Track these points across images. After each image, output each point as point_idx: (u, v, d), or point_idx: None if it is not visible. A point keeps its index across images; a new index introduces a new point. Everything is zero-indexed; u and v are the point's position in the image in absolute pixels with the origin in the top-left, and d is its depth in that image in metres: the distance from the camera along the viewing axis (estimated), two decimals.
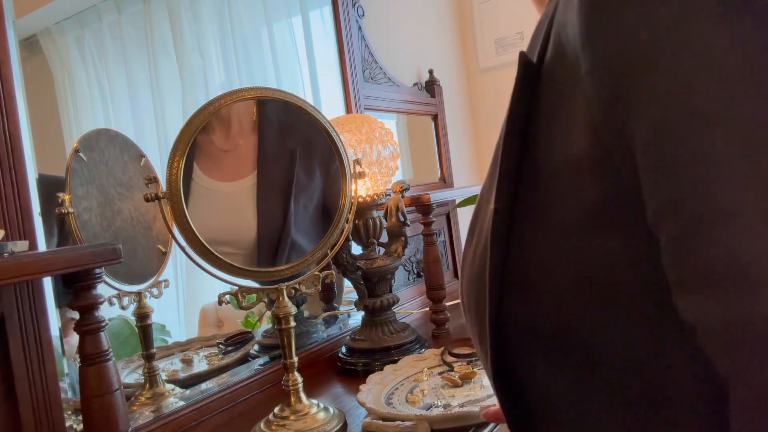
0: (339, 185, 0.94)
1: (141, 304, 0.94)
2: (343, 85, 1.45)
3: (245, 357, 1.11)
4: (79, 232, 0.84)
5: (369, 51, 1.58)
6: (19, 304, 0.72)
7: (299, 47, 1.37)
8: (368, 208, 1.18)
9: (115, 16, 0.99)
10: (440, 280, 1.35)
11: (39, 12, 0.87)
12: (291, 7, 1.38)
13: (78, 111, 0.90)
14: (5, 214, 0.72)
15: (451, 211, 1.85)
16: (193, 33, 1.12)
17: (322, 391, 1.08)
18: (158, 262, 0.98)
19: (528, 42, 0.55)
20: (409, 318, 1.52)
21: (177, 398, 0.95)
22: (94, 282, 0.68)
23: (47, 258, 0.63)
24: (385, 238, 1.24)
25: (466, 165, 2.12)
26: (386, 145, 1.17)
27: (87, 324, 0.68)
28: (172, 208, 0.78)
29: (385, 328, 1.18)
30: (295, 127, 0.94)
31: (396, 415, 0.85)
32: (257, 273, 0.87)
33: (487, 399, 0.88)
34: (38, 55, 0.86)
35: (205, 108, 0.82)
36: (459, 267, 0.54)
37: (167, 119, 1.04)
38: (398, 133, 1.73)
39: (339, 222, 0.94)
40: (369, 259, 1.19)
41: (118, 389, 0.69)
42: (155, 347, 0.95)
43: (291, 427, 0.85)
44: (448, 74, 2.04)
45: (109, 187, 0.91)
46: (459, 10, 2.20)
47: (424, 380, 1.00)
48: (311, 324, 1.29)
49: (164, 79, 1.05)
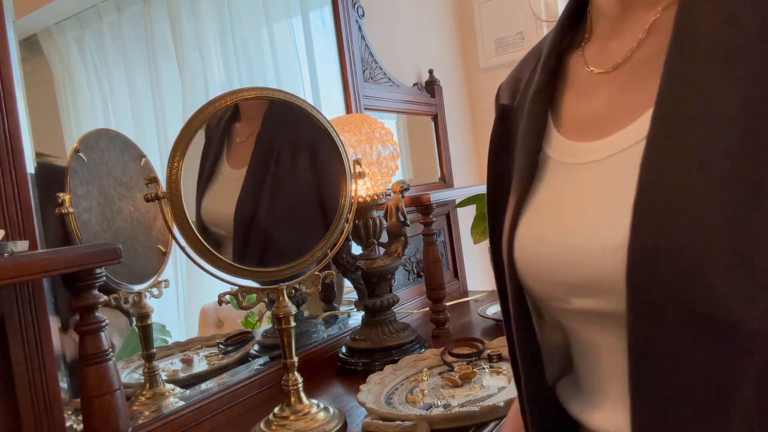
0: (332, 186, 0.94)
1: (141, 304, 0.94)
2: (343, 85, 1.45)
3: (245, 357, 1.11)
4: (79, 232, 0.84)
5: (369, 51, 1.57)
6: (19, 304, 0.72)
7: (299, 47, 1.37)
8: (368, 208, 1.18)
9: (115, 16, 0.99)
10: (440, 280, 1.35)
11: (39, 12, 0.87)
12: (291, 7, 1.38)
13: (78, 111, 0.90)
14: (5, 214, 0.72)
15: (451, 211, 1.85)
16: (193, 33, 1.12)
17: (322, 391, 1.08)
18: (158, 262, 0.98)
19: (528, 42, 0.57)
20: (409, 318, 1.52)
21: (177, 398, 0.95)
22: (95, 282, 0.68)
23: (47, 258, 0.63)
24: (385, 238, 1.24)
25: (466, 165, 2.12)
26: (386, 145, 1.17)
27: (87, 324, 0.68)
28: (172, 208, 0.78)
29: (385, 328, 1.18)
30: (290, 126, 0.95)
31: (396, 415, 0.85)
32: (257, 273, 0.87)
33: (486, 399, 0.88)
34: (38, 55, 0.86)
35: (205, 108, 0.82)
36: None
37: (167, 119, 1.04)
38: (398, 133, 1.73)
39: (339, 222, 0.94)
40: (369, 259, 1.19)
41: (118, 389, 0.69)
42: (155, 347, 0.95)
43: (291, 427, 0.85)
44: (448, 74, 2.04)
45: (109, 187, 0.91)
46: (459, 10, 2.19)
47: (424, 380, 1.00)
48: (311, 324, 1.29)
49: (164, 79, 1.05)
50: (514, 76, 0.62)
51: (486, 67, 2.16)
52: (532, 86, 0.54)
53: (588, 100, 0.50)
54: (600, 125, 0.47)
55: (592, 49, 0.52)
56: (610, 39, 0.50)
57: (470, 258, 1.95)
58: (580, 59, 0.53)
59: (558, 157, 0.50)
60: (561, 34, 0.55)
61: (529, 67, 0.58)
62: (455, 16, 2.18)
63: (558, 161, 0.50)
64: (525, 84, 0.57)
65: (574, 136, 0.49)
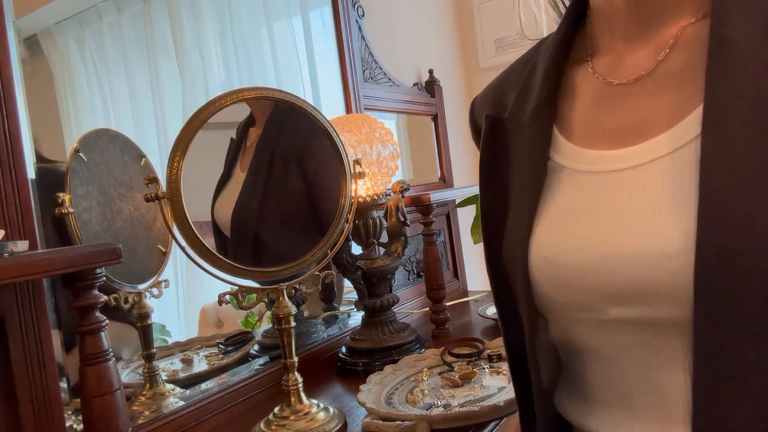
0: (331, 190, 0.95)
1: (141, 304, 0.94)
2: (343, 85, 1.45)
3: (245, 357, 1.11)
4: (79, 232, 0.84)
5: (369, 51, 1.57)
6: (19, 304, 0.72)
7: (299, 47, 1.37)
8: (368, 208, 1.18)
9: (115, 16, 0.99)
10: (440, 280, 1.35)
11: (39, 12, 0.87)
12: (291, 7, 1.38)
13: (78, 111, 0.90)
14: (5, 214, 0.72)
15: (451, 211, 1.85)
16: (193, 33, 1.12)
17: (322, 391, 1.08)
18: (158, 262, 0.98)
19: (528, 43, 0.57)
20: (409, 318, 1.52)
21: (177, 398, 0.95)
22: (95, 282, 0.68)
23: (47, 258, 0.63)
24: (385, 238, 1.24)
25: (466, 165, 2.12)
26: (386, 145, 1.17)
27: (87, 324, 0.68)
28: (172, 208, 0.78)
29: (385, 328, 1.18)
30: (290, 128, 0.95)
31: (396, 415, 0.85)
32: (257, 273, 0.87)
33: (486, 399, 0.88)
34: (38, 55, 0.86)
35: (205, 108, 0.82)
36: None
37: (167, 119, 1.04)
38: (398, 133, 1.73)
39: (339, 222, 0.94)
40: (369, 259, 1.19)
41: (118, 389, 0.69)
42: (155, 347, 0.95)
43: (291, 427, 0.85)
44: (448, 74, 2.04)
45: (109, 187, 0.91)
46: (459, 10, 2.20)
47: (424, 380, 1.00)
48: (311, 324, 1.29)
49: (164, 79, 1.05)
50: (496, 89, 0.62)
51: (486, 67, 2.16)
52: (533, 99, 0.54)
53: (607, 110, 0.50)
54: (627, 134, 0.47)
55: (604, 62, 0.53)
56: (625, 53, 0.51)
57: (470, 258, 1.95)
58: (588, 72, 0.54)
59: (574, 165, 0.50)
60: (561, 49, 0.56)
61: (516, 80, 0.59)
62: (455, 16, 2.18)
63: (574, 170, 0.50)
64: (517, 97, 0.57)
65: (593, 145, 0.49)
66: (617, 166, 0.46)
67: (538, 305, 0.50)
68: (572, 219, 0.48)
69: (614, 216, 0.44)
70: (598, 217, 0.45)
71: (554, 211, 0.49)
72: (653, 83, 0.48)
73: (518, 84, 0.58)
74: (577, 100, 0.54)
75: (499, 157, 0.57)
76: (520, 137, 0.54)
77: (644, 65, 0.49)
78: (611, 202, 0.45)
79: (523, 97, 0.56)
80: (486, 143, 0.58)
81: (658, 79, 0.48)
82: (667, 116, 0.45)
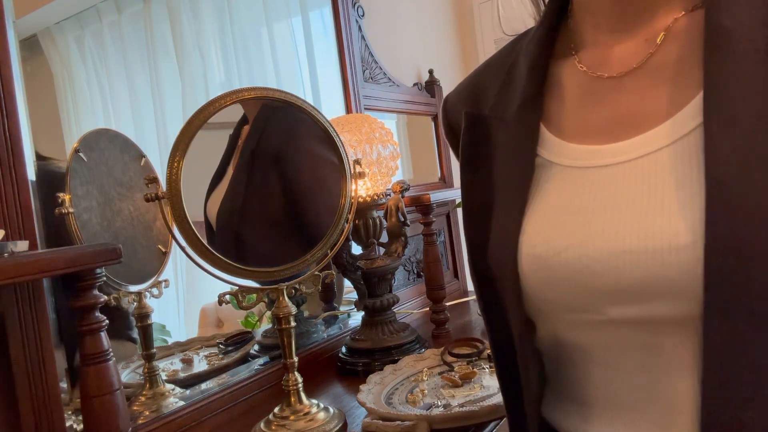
0: (314, 186, 0.95)
1: (141, 304, 0.94)
2: (343, 85, 1.45)
3: (245, 357, 1.11)
4: (79, 232, 0.84)
5: (369, 51, 1.57)
6: (19, 304, 0.72)
7: (299, 47, 1.37)
8: (368, 208, 1.18)
9: (115, 16, 0.99)
10: (440, 280, 1.35)
11: (39, 12, 0.87)
12: (291, 7, 1.38)
13: (78, 111, 0.90)
14: (5, 214, 0.72)
15: (451, 211, 1.85)
16: (193, 33, 1.12)
17: (322, 391, 1.08)
18: (158, 262, 0.98)
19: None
20: (409, 318, 1.52)
21: (177, 398, 0.95)
22: (95, 282, 0.68)
23: (47, 258, 0.63)
24: (385, 238, 1.24)
25: None
26: (386, 145, 1.17)
27: (87, 324, 0.68)
28: (172, 208, 0.78)
29: (385, 328, 1.18)
30: (273, 126, 0.95)
31: (396, 415, 0.85)
32: (257, 273, 0.87)
33: (486, 399, 0.88)
34: (38, 55, 0.86)
35: (205, 108, 0.82)
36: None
37: (167, 119, 1.04)
38: (398, 133, 1.73)
39: (339, 222, 0.94)
40: (369, 259, 1.19)
41: (118, 389, 0.69)
42: (155, 347, 0.95)
43: (291, 427, 0.85)
44: (448, 74, 2.04)
45: (109, 187, 0.91)
46: (459, 10, 2.19)
47: (424, 380, 1.00)
48: (311, 324, 1.29)
49: (164, 79, 1.05)
50: (473, 86, 0.60)
51: None
52: (518, 95, 0.53)
53: (598, 104, 0.49)
54: (621, 127, 0.46)
55: (590, 55, 0.52)
56: (612, 46, 0.50)
57: None
58: (574, 66, 0.53)
59: (565, 161, 0.48)
60: (544, 43, 0.54)
61: (496, 75, 0.57)
62: (455, 16, 2.18)
63: (565, 165, 0.48)
64: (498, 92, 0.55)
65: (584, 140, 0.48)
66: (613, 160, 0.45)
67: (528, 308, 0.48)
68: (565, 216, 0.45)
69: (614, 211, 0.42)
70: (595, 213, 0.43)
71: (545, 209, 0.47)
72: (646, 75, 0.47)
73: (499, 79, 0.56)
74: (565, 95, 0.52)
75: (481, 154, 0.55)
76: (505, 134, 0.53)
77: (634, 58, 0.48)
78: (609, 196, 0.43)
79: (505, 92, 0.54)
80: (467, 140, 0.56)
81: (651, 71, 0.46)
82: (665, 107, 0.43)
